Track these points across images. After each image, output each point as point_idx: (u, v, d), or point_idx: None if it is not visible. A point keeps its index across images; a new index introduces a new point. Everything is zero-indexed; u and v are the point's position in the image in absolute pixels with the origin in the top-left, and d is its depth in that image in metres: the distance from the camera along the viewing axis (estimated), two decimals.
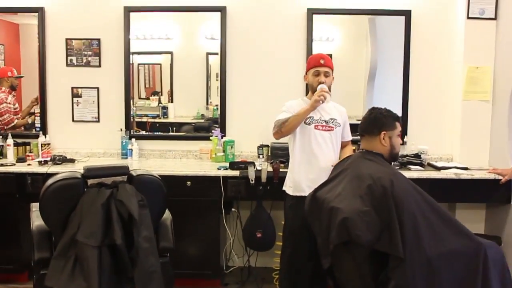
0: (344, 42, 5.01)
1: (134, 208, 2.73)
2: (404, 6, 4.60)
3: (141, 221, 2.75)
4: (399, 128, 3.01)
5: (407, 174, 4.01)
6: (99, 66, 4.85)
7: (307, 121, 3.46)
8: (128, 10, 4.73)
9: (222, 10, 4.68)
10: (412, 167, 4.25)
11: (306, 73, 3.62)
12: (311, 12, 4.62)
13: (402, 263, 2.47)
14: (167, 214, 3.16)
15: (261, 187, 4.01)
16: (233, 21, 4.71)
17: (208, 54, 4.96)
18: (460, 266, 2.55)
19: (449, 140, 4.66)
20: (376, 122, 2.96)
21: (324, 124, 3.51)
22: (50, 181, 2.77)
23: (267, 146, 4.56)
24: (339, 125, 3.59)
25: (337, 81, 4.20)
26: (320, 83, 3.46)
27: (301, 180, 3.47)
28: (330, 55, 4.83)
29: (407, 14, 4.59)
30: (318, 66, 3.52)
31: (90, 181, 2.83)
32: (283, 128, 3.43)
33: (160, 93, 5.29)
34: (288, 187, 3.58)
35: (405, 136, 4.63)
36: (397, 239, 2.48)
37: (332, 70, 3.58)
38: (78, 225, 2.67)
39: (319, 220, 2.87)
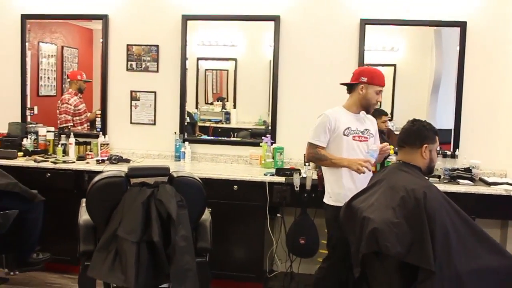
0: (409, 52, 5.00)
1: (173, 207, 2.86)
2: (460, 17, 4.53)
3: (179, 220, 2.87)
4: (438, 142, 2.99)
5: (455, 188, 3.99)
6: (157, 71, 5.05)
7: (345, 132, 3.49)
8: (185, 19, 4.90)
9: (276, 19, 4.77)
10: (461, 181, 4.17)
11: (362, 84, 3.54)
12: (364, 23, 4.63)
13: (432, 277, 2.45)
14: (206, 216, 3.27)
15: (305, 194, 4.06)
16: (287, 30, 4.79)
17: (271, 61, 5.00)
18: (492, 284, 2.51)
19: (503, 156, 4.54)
20: (419, 134, 2.94)
21: (360, 134, 3.54)
22: (96, 178, 2.96)
23: None
24: (372, 136, 3.62)
25: (400, 91, 4.22)
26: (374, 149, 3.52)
27: (341, 190, 3.47)
28: (394, 65, 4.94)
29: (462, 25, 4.51)
30: (383, 86, 3.57)
31: (133, 181, 2.99)
32: (318, 163, 3.55)
33: (225, 99, 5.45)
34: (328, 198, 3.55)
35: (457, 149, 4.55)
36: (429, 252, 2.46)
37: None
38: (120, 221, 2.84)
39: (352, 229, 2.89)
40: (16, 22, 5.23)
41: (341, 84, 3.67)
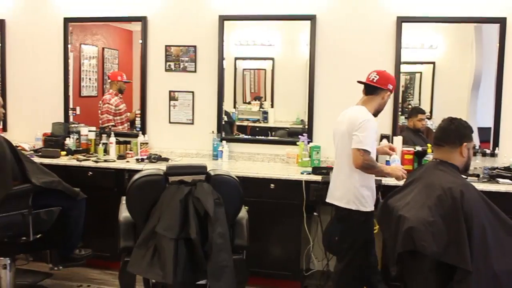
0: (448, 49, 4.95)
1: (210, 205, 2.91)
2: (499, 13, 4.44)
3: (216, 218, 2.92)
4: (473, 141, 2.96)
5: (494, 187, 3.93)
6: (195, 71, 5.13)
7: None
8: (222, 19, 4.97)
9: (312, 18, 4.78)
10: (501, 180, 4.10)
11: (389, 92, 3.57)
12: (401, 20, 4.59)
13: (468, 276, 2.43)
14: (243, 213, 3.30)
15: None
16: (323, 29, 4.80)
17: (308, 60, 5.00)
18: None
19: None
20: (459, 133, 2.90)
21: None
22: (136, 176, 3.03)
23: None
24: None
25: (440, 88, 4.16)
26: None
27: (369, 195, 3.48)
28: (433, 63, 4.91)
29: (502, 21, 4.42)
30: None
31: (171, 178, 3.05)
32: (367, 171, 3.41)
33: (263, 98, 5.49)
34: (358, 204, 3.46)
35: (497, 148, 4.47)
36: (465, 251, 2.44)
37: None
38: (158, 218, 2.91)
39: (388, 228, 2.90)
40: (59, 25, 5.40)
41: (360, 82, 3.64)
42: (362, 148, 3.32)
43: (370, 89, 3.56)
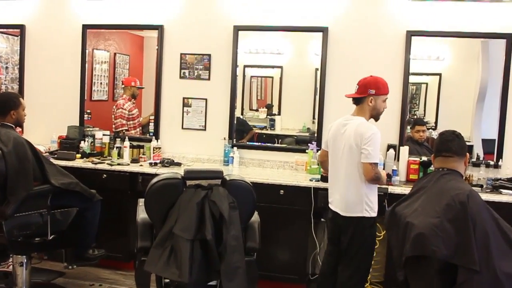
0: (455, 62, 5.06)
1: (225, 208, 3.03)
2: (506, 29, 4.56)
3: (231, 221, 3.03)
4: None
5: (497, 197, 4.04)
6: (209, 79, 5.26)
7: None
8: (237, 29, 5.10)
9: (324, 30, 4.90)
10: (504, 191, 4.21)
11: (371, 97, 3.63)
12: (410, 34, 4.72)
13: (471, 279, 2.54)
14: (255, 217, 3.42)
15: None
16: (335, 41, 4.92)
17: (316, 70, 5.10)
18: None
19: None
20: (464, 145, 3.11)
21: None
22: (154, 179, 3.15)
23: None
24: None
25: (446, 100, 4.25)
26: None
27: (376, 200, 3.62)
28: (439, 74, 5.03)
29: (508, 37, 4.54)
30: (388, 94, 3.71)
31: (188, 182, 3.18)
32: (375, 183, 3.56)
33: (271, 106, 5.60)
34: (369, 211, 3.58)
35: (500, 159, 4.59)
36: (473, 252, 2.54)
37: None
38: (176, 220, 3.02)
39: (396, 234, 3.00)
40: (78, 31, 5.54)
41: (347, 96, 3.75)
42: (373, 162, 3.46)
43: (354, 100, 3.72)
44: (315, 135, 5.05)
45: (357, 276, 3.67)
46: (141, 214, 3.29)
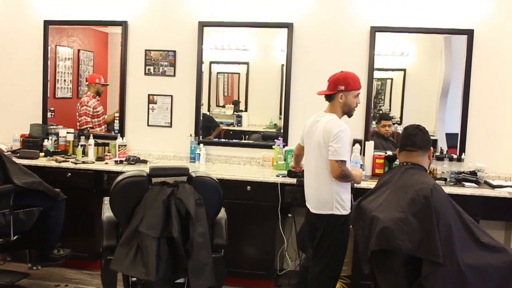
0: (418, 57, 5.13)
1: (191, 206, 3.02)
2: (467, 25, 4.65)
3: (197, 218, 3.03)
4: None
5: (460, 190, 4.12)
6: (174, 75, 5.23)
7: None
8: (202, 25, 5.07)
9: (289, 26, 4.92)
10: (466, 184, 4.31)
11: (341, 93, 3.61)
12: (374, 30, 4.77)
13: (435, 271, 2.58)
14: (222, 214, 3.41)
15: None
16: (300, 37, 4.94)
17: (282, 66, 5.11)
18: (492, 280, 2.62)
19: (508, 159, 4.67)
20: (428, 140, 3.12)
21: None
22: (119, 177, 3.12)
23: None
24: None
25: (410, 95, 4.31)
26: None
27: (348, 198, 3.63)
28: (404, 70, 5.08)
29: (469, 33, 4.63)
30: (359, 89, 3.68)
31: (154, 180, 3.15)
32: (343, 180, 3.54)
33: (238, 102, 5.59)
34: (340, 209, 3.58)
35: (463, 153, 4.68)
36: (437, 246, 2.58)
37: None
38: (141, 218, 3.00)
39: (361, 229, 3.03)
40: (39, 27, 5.43)
41: (318, 93, 3.74)
42: (340, 159, 3.45)
43: (326, 97, 3.71)
44: (282, 131, 5.07)
45: (327, 273, 3.68)
46: (106, 212, 3.25)
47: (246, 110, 5.57)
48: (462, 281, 2.58)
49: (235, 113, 5.57)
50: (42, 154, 5.02)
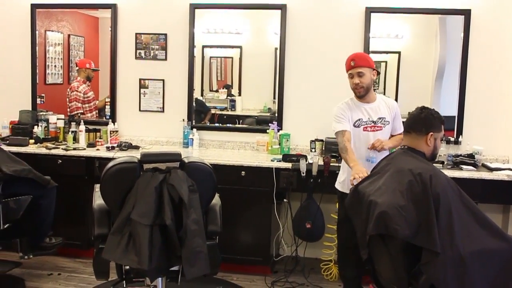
0: (413, 39, 5.05)
1: (184, 192, 2.93)
2: (464, 5, 4.58)
3: (191, 204, 2.95)
4: (443, 131, 3.06)
5: (458, 173, 4.07)
6: (165, 59, 5.13)
7: (356, 124, 3.58)
8: (193, 7, 4.98)
9: (282, 8, 4.83)
10: (464, 167, 4.26)
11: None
12: (369, 11, 4.69)
13: (435, 258, 2.53)
14: (216, 200, 3.34)
15: (311, 180, 4.15)
16: (293, 19, 4.85)
17: (276, 49, 5.05)
18: (493, 266, 2.58)
19: (506, 142, 4.63)
20: (426, 122, 2.99)
21: (372, 125, 3.59)
22: (110, 164, 3.03)
23: (321, 140, 4.69)
24: (388, 123, 3.63)
25: (405, 78, 4.24)
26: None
27: (342, 179, 3.61)
28: (398, 53, 4.96)
29: (466, 13, 4.56)
30: (350, 69, 3.57)
31: (146, 166, 3.07)
32: (342, 155, 3.53)
33: (231, 86, 5.51)
34: (338, 183, 3.69)
35: (460, 135, 4.63)
36: (434, 234, 2.53)
37: (370, 67, 3.55)
38: (133, 205, 2.91)
39: (359, 213, 2.97)
40: (26, 11, 5.30)
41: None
42: (335, 132, 3.56)
43: None
44: (276, 115, 5.00)
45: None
46: (98, 200, 3.16)
47: (240, 95, 5.50)
48: (463, 268, 2.53)
49: (228, 97, 5.49)
50: (32, 141, 4.93)
